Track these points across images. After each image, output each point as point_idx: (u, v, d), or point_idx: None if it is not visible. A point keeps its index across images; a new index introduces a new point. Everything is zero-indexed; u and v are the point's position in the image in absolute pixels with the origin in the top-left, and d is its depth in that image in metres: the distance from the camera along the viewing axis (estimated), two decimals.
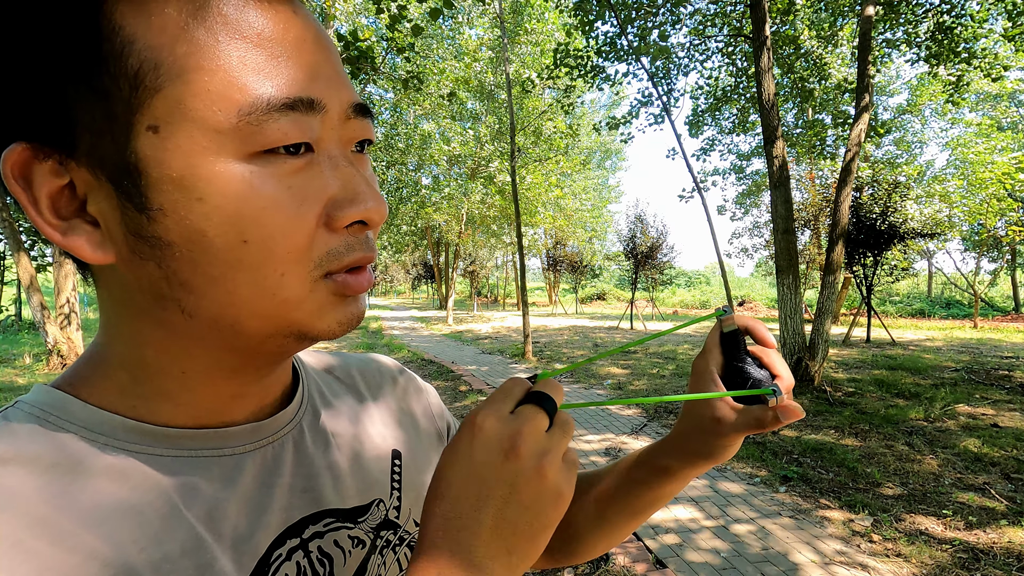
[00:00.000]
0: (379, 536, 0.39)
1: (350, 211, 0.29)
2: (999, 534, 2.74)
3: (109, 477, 0.28)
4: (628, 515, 0.52)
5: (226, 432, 0.33)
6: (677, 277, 46.76)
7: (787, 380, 0.42)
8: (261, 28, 0.26)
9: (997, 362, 7.88)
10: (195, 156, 0.25)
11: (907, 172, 10.35)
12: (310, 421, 0.39)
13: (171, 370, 0.31)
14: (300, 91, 0.27)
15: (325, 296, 0.30)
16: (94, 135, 0.25)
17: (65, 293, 8.76)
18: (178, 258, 0.27)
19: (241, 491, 0.33)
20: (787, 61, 9.20)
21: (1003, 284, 26.64)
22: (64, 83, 0.25)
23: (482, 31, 17.91)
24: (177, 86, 0.25)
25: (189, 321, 0.29)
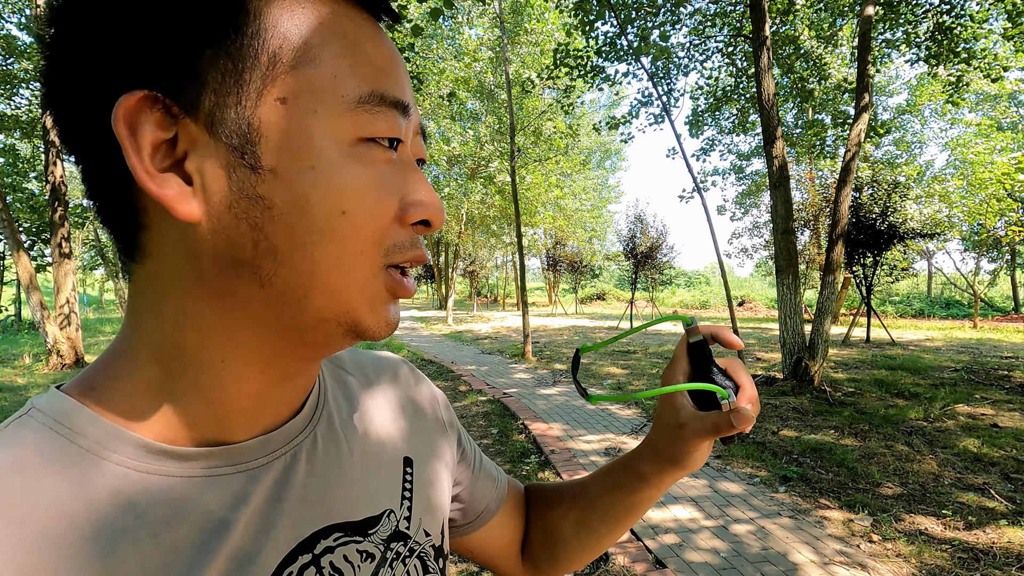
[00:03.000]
0: (389, 548, 0.39)
1: (419, 210, 0.32)
2: (999, 534, 2.75)
3: (114, 502, 0.28)
4: (609, 522, 0.53)
5: (237, 448, 0.32)
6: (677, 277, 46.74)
7: (748, 390, 0.43)
8: (375, 41, 0.31)
9: (997, 362, 7.89)
10: (315, 129, 0.28)
11: (907, 172, 10.35)
12: (324, 429, 0.38)
13: (210, 359, 0.31)
14: (403, 96, 0.31)
15: (381, 289, 0.32)
16: (219, 96, 0.27)
17: (65, 293, 8.76)
18: (275, 220, 0.28)
19: (251, 509, 0.32)
20: (787, 61, 9.20)
21: (1003, 284, 26.65)
22: (205, 46, 0.27)
23: (482, 31, 17.90)
24: (309, 69, 0.28)
25: (259, 292, 0.29)
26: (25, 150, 15.15)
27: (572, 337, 12.76)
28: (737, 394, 0.43)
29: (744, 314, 23.55)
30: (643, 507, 0.52)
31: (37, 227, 11.92)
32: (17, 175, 12.07)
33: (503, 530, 0.55)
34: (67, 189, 9.10)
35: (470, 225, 22.61)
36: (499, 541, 0.55)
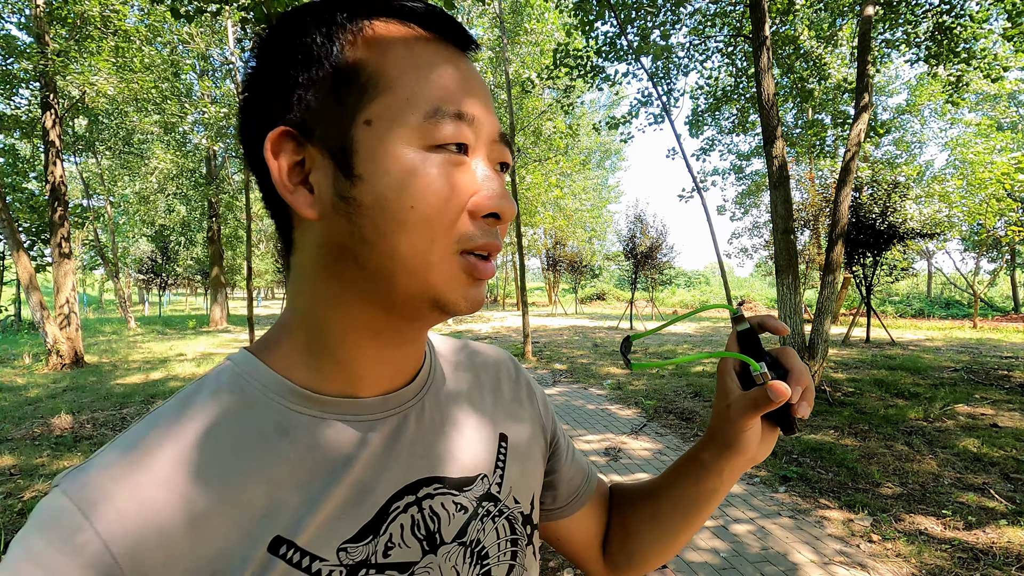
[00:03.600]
0: (480, 505, 0.45)
1: (487, 204, 0.37)
2: (998, 534, 2.75)
3: (282, 431, 0.38)
4: (679, 515, 0.54)
5: (362, 402, 0.41)
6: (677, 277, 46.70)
7: (797, 374, 0.44)
8: (444, 67, 0.37)
9: (996, 362, 7.89)
10: (391, 142, 0.35)
11: (906, 172, 10.35)
12: (432, 399, 0.46)
13: (336, 329, 0.40)
14: (465, 107, 0.36)
15: (457, 270, 0.37)
16: (326, 126, 0.36)
17: (64, 293, 8.75)
18: (364, 215, 0.36)
19: (370, 451, 0.40)
20: (787, 61, 9.20)
21: (1003, 284, 26.65)
22: (320, 92, 0.36)
23: (482, 31, 17.89)
24: (387, 95, 0.35)
25: (359, 273, 0.37)
26: (25, 150, 15.15)
27: (572, 337, 12.75)
28: (787, 378, 0.44)
29: (744, 314, 23.49)
30: (709, 499, 0.52)
31: (37, 227, 11.90)
32: (17, 175, 12.05)
33: (587, 523, 0.59)
34: (67, 189, 9.10)
35: None
36: (583, 534, 0.59)
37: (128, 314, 17.28)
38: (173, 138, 14.98)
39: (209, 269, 19.10)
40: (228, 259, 23.82)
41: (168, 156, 14.15)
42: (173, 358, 9.71)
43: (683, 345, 11.11)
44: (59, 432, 4.84)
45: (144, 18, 9.54)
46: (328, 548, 0.37)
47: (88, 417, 5.36)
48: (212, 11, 4.13)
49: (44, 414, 5.48)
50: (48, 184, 8.76)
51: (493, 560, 0.45)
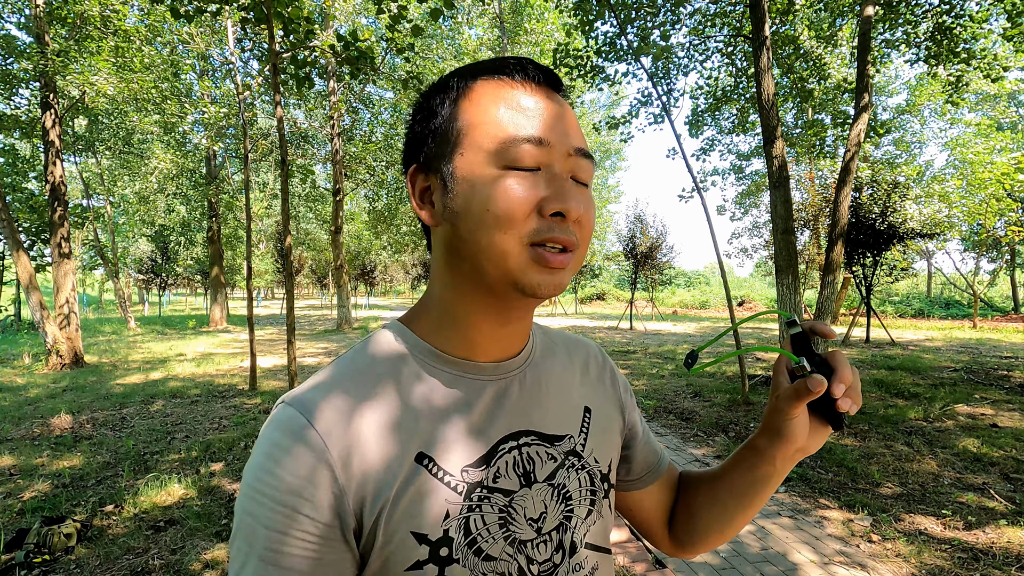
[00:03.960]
0: (567, 458, 0.55)
1: (552, 205, 0.45)
2: (998, 534, 2.75)
3: (420, 379, 0.51)
4: (735, 498, 0.60)
5: (479, 365, 0.53)
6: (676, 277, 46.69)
7: (842, 374, 0.49)
8: (515, 101, 0.48)
9: (996, 362, 7.89)
10: (475, 164, 0.46)
11: (906, 172, 10.34)
12: (532, 370, 0.57)
13: (456, 307, 0.52)
14: (533, 133, 0.46)
15: (528, 259, 0.46)
16: (438, 159, 0.49)
17: (64, 293, 8.75)
18: (459, 219, 0.47)
19: (484, 402, 0.52)
20: (787, 61, 9.20)
21: (1002, 284, 26.65)
22: (434, 135, 0.50)
23: (482, 31, 17.88)
24: (475, 133, 0.47)
25: (463, 264, 0.49)
26: (25, 150, 15.14)
27: None
28: (831, 376, 0.49)
29: (744, 314, 23.54)
30: (763, 485, 0.58)
31: (37, 227, 11.89)
32: (17, 175, 12.04)
33: (657, 499, 0.68)
34: (67, 189, 9.09)
35: None
36: (652, 508, 0.68)
37: (128, 314, 17.27)
38: (173, 138, 14.97)
39: (209, 269, 19.10)
40: (228, 259, 23.81)
41: (168, 156, 14.14)
42: (173, 358, 9.71)
43: (683, 345, 11.10)
44: (59, 432, 4.84)
45: (144, 18, 9.54)
46: (454, 467, 0.48)
47: (88, 417, 5.36)
48: (212, 11, 4.13)
49: (44, 414, 5.48)
50: (48, 184, 8.76)
51: (575, 502, 0.54)
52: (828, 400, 0.50)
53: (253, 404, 5.90)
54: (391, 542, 0.45)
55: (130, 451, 4.27)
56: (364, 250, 31.89)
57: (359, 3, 15.30)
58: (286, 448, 0.44)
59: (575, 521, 0.54)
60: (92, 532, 2.88)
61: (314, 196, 19.72)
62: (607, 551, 0.58)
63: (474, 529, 0.48)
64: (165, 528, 2.95)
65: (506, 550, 0.49)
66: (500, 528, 0.49)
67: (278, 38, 4.27)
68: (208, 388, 6.84)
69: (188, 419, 5.30)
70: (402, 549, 0.45)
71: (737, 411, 5.40)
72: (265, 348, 11.17)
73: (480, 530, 0.48)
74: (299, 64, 4.04)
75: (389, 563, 0.45)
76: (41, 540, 2.68)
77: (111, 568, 2.54)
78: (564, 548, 0.53)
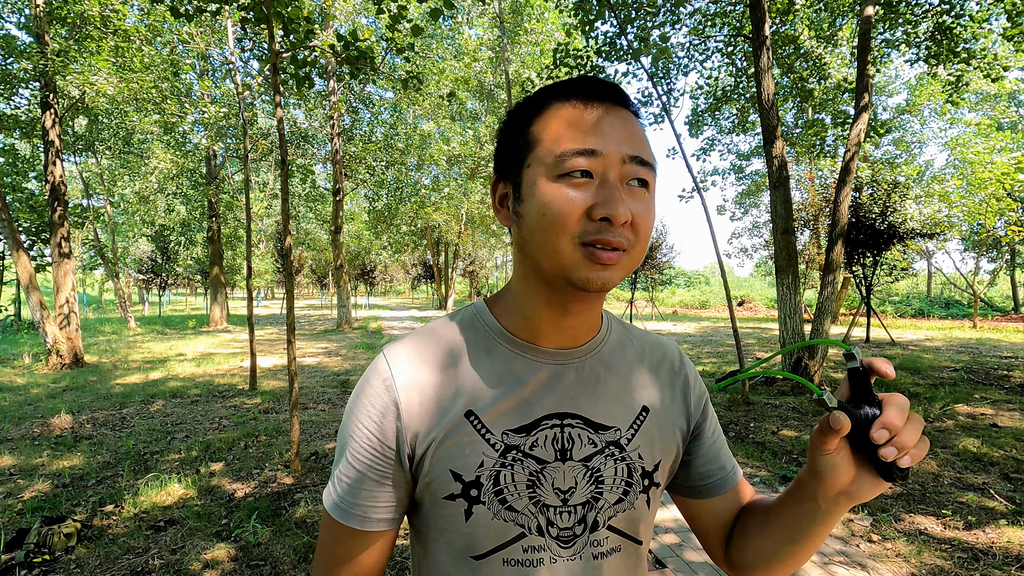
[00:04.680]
0: (608, 447, 0.59)
1: (600, 210, 0.50)
2: (998, 534, 2.75)
3: (486, 352, 0.60)
4: (782, 530, 0.58)
5: (539, 349, 0.60)
6: (676, 277, 46.68)
7: (886, 419, 0.45)
8: (573, 118, 0.54)
9: (996, 362, 7.89)
10: (537, 176, 0.53)
11: (906, 172, 10.34)
12: (593, 362, 0.62)
13: (524, 298, 0.59)
14: (584, 145, 0.52)
15: (579, 257, 0.51)
16: (513, 171, 0.57)
17: (64, 292, 8.75)
18: (523, 222, 0.55)
19: (537, 381, 0.59)
20: (787, 61, 9.20)
21: (1002, 284, 26.65)
22: (511, 149, 0.58)
23: (482, 31, 17.88)
24: (539, 147, 0.54)
25: (527, 260, 0.57)
26: (25, 150, 15.13)
27: None
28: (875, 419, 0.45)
29: (744, 314, 23.53)
30: (809, 522, 0.54)
31: (37, 227, 11.89)
32: (17, 175, 12.04)
33: (716, 513, 0.68)
34: (67, 189, 9.09)
35: (470, 225, 22.59)
36: (710, 523, 0.68)
37: (128, 314, 17.27)
38: (173, 138, 14.97)
39: (209, 269, 19.09)
40: (228, 259, 23.81)
41: (168, 156, 14.13)
42: (173, 358, 9.71)
43: (683, 345, 11.10)
44: (59, 432, 4.84)
45: (144, 18, 9.53)
46: (497, 428, 0.56)
47: (88, 417, 5.36)
48: (212, 11, 4.13)
49: (44, 414, 5.48)
50: (48, 184, 8.76)
51: (607, 486, 0.59)
52: (874, 446, 0.45)
53: (253, 404, 5.90)
54: (433, 472, 0.55)
55: (130, 451, 4.27)
56: (364, 250, 31.90)
57: (359, 3, 15.30)
58: (372, 383, 0.57)
59: (602, 503, 0.59)
60: (92, 532, 2.88)
61: (314, 196, 19.72)
62: (636, 541, 0.61)
63: (503, 482, 0.56)
64: (165, 528, 2.95)
65: (529, 507, 0.56)
66: (527, 488, 0.56)
67: (278, 38, 4.27)
68: (208, 388, 6.84)
69: (188, 419, 5.30)
70: (441, 481, 0.55)
71: (737, 411, 5.40)
72: (265, 348, 11.16)
73: (508, 484, 0.56)
74: (299, 64, 4.04)
75: (431, 489, 0.56)
76: (41, 540, 2.68)
77: (111, 568, 2.54)
78: (586, 523, 0.58)
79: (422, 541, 0.61)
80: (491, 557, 0.56)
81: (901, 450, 0.44)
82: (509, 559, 0.56)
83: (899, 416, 0.44)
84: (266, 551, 2.67)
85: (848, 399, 0.48)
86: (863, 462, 0.48)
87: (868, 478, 0.48)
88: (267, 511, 3.11)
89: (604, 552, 0.59)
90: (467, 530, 0.56)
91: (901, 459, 0.45)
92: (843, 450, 0.48)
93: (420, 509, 0.59)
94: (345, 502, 0.57)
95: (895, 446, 0.44)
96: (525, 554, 0.56)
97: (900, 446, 0.44)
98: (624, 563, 0.61)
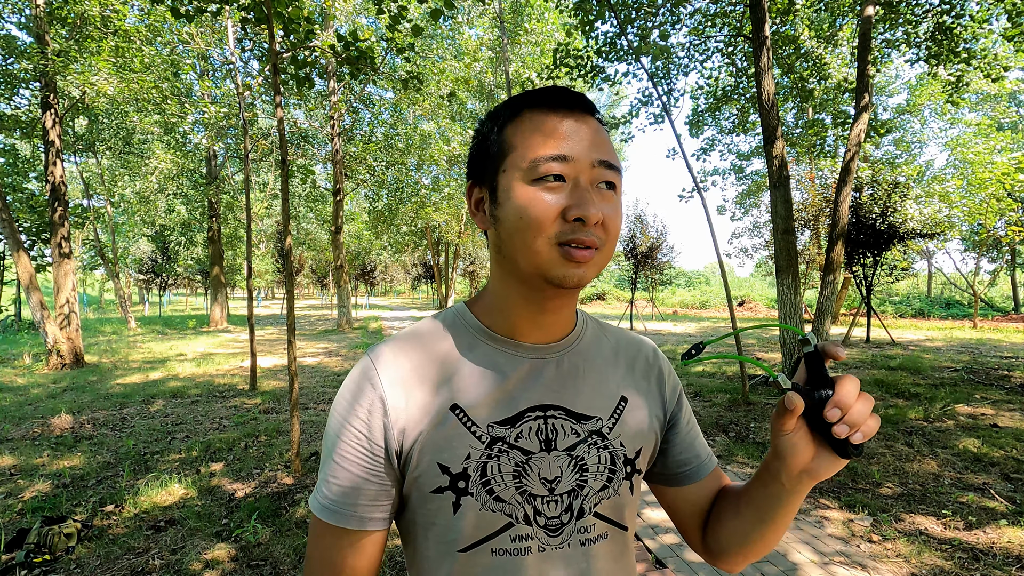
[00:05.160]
0: (590, 436, 0.61)
1: (574, 211, 0.53)
2: (999, 534, 2.74)
3: (468, 349, 0.62)
4: (752, 510, 0.61)
5: (519, 344, 0.62)
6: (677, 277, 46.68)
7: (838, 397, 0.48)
8: (545, 126, 0.56)
9: (997, 362, 7.89)
10: (512, 180, 0.56)
11: (907, 172, 10.33)
12: (571, 357, 0.65)
13: (503, 295, 0.62)
14: (557, 151, 0.55)
15: (556, 256, 0.54)
16: (487, 175, 0.60)
17: (65, 292, 8.75)
18: (501, 224, 0.57)
19: (519, 375, 0.61)
20: (787, 61, 9.20)
21: (1003, 284, 26.64)
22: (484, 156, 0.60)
23: (482, 31, 17.88)
24: (514, 152, 0.57)
25: (505, 260, 0.59)
26: (25, 150, 15.13)
27: None
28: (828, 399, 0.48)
29: (744, 314, 23.53)
30: (776, 502, 0.57)
31: (37, 227, 11.88)
32: (17, 175, 12.04)
33: (692, 500, 0.70)
34: (67, 189, 9.09)
35: (470, 225, 22.59)
36: (687, 510, 0.71)
37: (128, 314, 17.27)
38: (173, 138, 14.97)
39: (209, 269, 19.09)
40: (228, 259, 23.81)
41: (168, 156, 14.13)
42: (173, 358, 9.71)
43: (683, 345, 11.09)
44: (59, 432, 4.84)
45: (144, 18, 9.54)
46: (482, 421, 0.58)
47: (88, 417, 5.36)
48: (212, 11, 4.13)
49: (44, 414, 5.48)
50: (48, 184, 8.76)
51: (591, 474, 0.60)
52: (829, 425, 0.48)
53: (253, 404, 5.90)
54: (420, 467, 0.57)
55: (130, 451, 4.27)
56: (364, 250, 31.89)
57: (359, 3, 15.30)
58: (358, 383, 0.58)
59: (587, 490, 0.60)
60: (92, 532, 2.88)
61: (314, 196, 19.71)
62: (621, 527, 0.63)
63: (489, 473, 0.57)
64: (165, 528, 2.95)
65: (516, 497, 0.57)
66: (514, 479, 0.57)
67: (278, 38, 4.27)
68: (208, 388, 6.84)
69: (188, 419, 5.30)
70: (429, 475, 0.56)
71: (737, 411, 5.40)
72: (265, 348, 11.17)
73: (495, 475, 0.57)
74: (299, 64, 4.04)
75: (418, 483, 0.57)
76: (41, 540, 2.68)
77: (111, 568, 2.54)
78: (573, 511, 0.59)
79: (411, 539, 0.62)
80: (479, 548, 0.57)
81: (852, 427, 0.47)
82: (498, 549, 0.57)
83: (850, 396, 0.47)
84: (266, 551, 2.67)
85: (805, 382, 0.51)
86: (821, 442, 0.51)
87: (826, 456, 0.51)
88: (267, 511, 3.11)
89: (592, 539, 0.60)
90: (455, 523, 0.56)
91: (853, 436, 0.47)
92: (801, 430, 0.51)
93: (407, 506, 0.60)
94: (337, 504, 0.57)
95: (846, 423, 0.47)
96: (513, 543, 0.57)
97: (851, 423, 0.47)
98: (612, 549, 0.62)
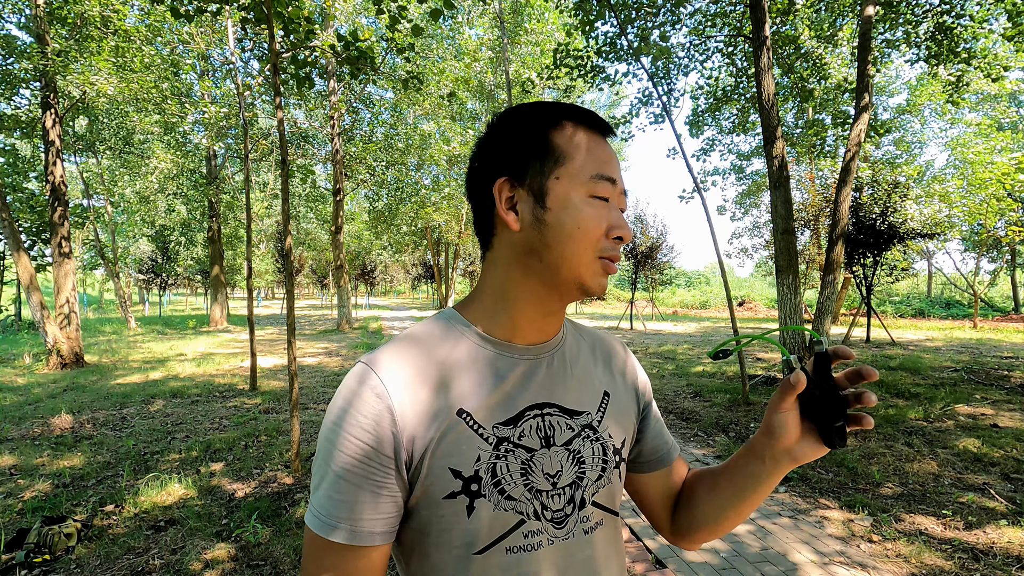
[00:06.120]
0: (583, 430, 0.65)
1: (616, 231, 0.59)
2: (999, 534, 2.74)
3: (466, 353, 0.62)
4: (730, 489, 0.66)
5: (517, 347, 0.64)
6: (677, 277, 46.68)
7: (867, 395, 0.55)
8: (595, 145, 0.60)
9: (997, 362, 7.88)
10: (570, 190, 0.58)
11: (907, 172, 10.33)
12: (559, 357, 0.67)
13: (514, 298, 0.63)
14: (610, 174, 0.60)
15: (598, 268, 0.59)
16: (532, 177, 0.59)
17: (65, 293, 8.75)
18: (547, 231, 0.58)
19: (516, 376, 0.62)
20: (787, 61, 9.20)
21: (1003, 284, 26.64)
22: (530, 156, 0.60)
23: (482, 31, 17.88)
24: (570, 162, 0.59)
25: (539, 264, 0.60)
26: (25, 150, 15.13)
27: None
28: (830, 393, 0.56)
29: (744, 314, 23.52)
30: (755, 481, 0.63)
31: (37, 227, 11.89)
32: (17, 175, 12.04)
33: (662, 484, 0.76)
34: (67, 189, 9.09)
35: (470, 225, 22.60)
36: (657, 494, 0.76)
37: (128, 314, 17.27)
38: (173, 138, 14.97)
39: (209, 269, 19.09)
40: (228, 259, 23.81)
41: (168, 156, 14.13)
42: (173, 358, 9.71)
43: (683, 345, 11.10)
44: (59, 432, 4.84)
45: (144, 18, 9.54)
46: (488, 423, 0.59)
47: (88, 417, 5.36)
48: (212, 11, 4.13)
49: (44, 414, 5.48)
50: (48, 184, 8.76)
51: (588, 466, 0.64)
52: (823, 416, 0.55)
53: (253, 404, 5.90)
54: (432, 474, 0.56)
55: (130, 451, 4.27)
56: (364, 250, 31.89)
57: (359, 3, 15.30)
58: (359, 393, 0.56)
59: (586, 481, 0.63)
60: (92, 532, 2.88)
61: (314, 196, 19.71)
62: (614, 512, 0.67)
63: (499, 473, 0.58)
64: (165, 528, 2.95)
65: (525, 494, 0.59)
66: (521, 476, 0.59)
67: (278, 38, 4.27)
68: (208, 388, 6.84)
69: (188, 419, 5.30)
70: (441, 481, 0.57)
71: (737, 411, 5.40)
72: (265, 348, 11.17)
73: (504, 475, 0.59)
74: (299, 64, 4.04)
75: (430, 491, 0.57)
76: (41, 540, 2.68)
77: (111, 568, 2.54)
78: (575, 502, 0.62)
79: (417, 550, 0.60)
80: (494, 548, 0.58)
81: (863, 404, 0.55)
82: (511, 547, 0.58)
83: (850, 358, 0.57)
84: (266, 551, 2.67)
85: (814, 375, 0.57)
86: (809, 428, 0.58)
87: (811, 442, 0.58)
88: (267, 511, 3.12)
89: (592, 527, 0.64)
90: (470, 526, 0.57)
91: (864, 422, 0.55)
92: (794, 412, 0.58)
93: (413, 516, 0.58)
94: (343, 521, 0.54)
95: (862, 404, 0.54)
96: (525, 539, 0.59)
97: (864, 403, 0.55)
98: (608, 535, 0.66)
